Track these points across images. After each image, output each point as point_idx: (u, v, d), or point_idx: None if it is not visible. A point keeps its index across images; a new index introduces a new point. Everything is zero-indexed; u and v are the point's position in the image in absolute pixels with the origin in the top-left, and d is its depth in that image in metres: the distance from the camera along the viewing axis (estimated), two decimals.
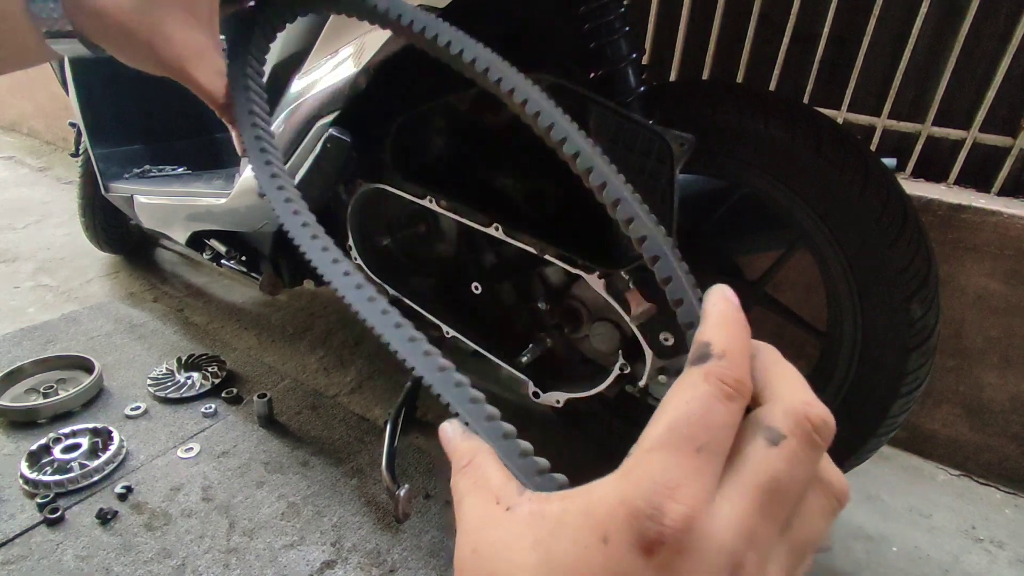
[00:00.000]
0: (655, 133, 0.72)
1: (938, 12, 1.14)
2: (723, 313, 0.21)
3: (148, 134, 1.58)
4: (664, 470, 0.17)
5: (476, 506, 0.22)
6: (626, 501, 0.17)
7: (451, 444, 0.25)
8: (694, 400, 0.18)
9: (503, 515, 0.20)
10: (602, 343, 0.91)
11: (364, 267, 1.08)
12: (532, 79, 0.34)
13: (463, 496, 0.22)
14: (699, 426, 0.18)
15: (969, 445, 1.23)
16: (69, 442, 1.10)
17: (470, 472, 0.23)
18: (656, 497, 0.16)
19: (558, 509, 0.19)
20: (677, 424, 0.18)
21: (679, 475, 0.17)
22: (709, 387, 0.18)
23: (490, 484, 0.22)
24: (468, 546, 0.20)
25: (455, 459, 0.24)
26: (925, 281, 0.75)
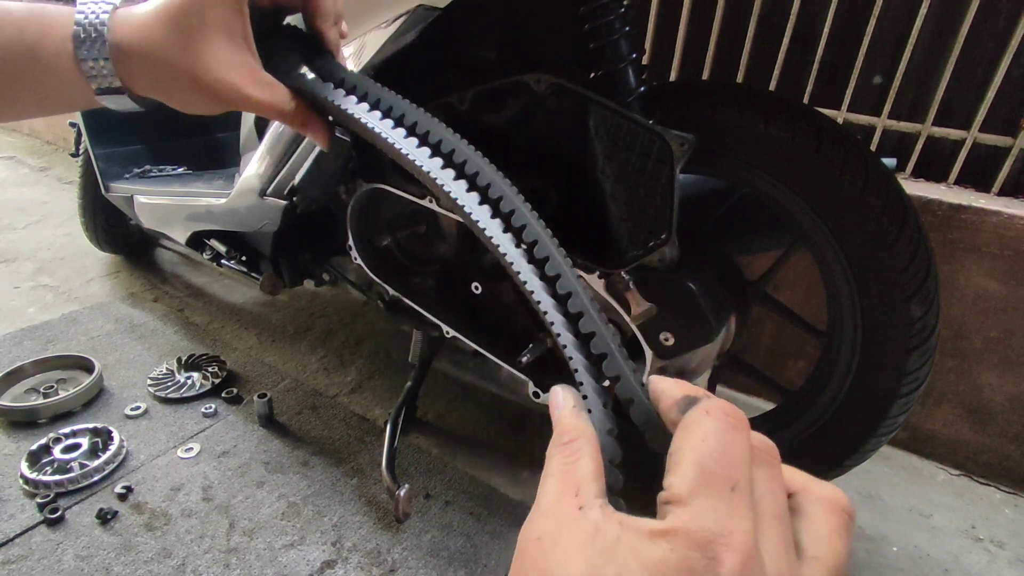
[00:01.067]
0: (655, 133, 0.72)
1: (938, 12, 1.14)
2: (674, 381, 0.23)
3: (148, 134, 1.58)
4: (711, 517, 0.18)
5: (557, 490, 0.22)
6: (678, 551, 0.17)
7: (560, 412, 0.25)
8: (710, 436, 0.19)
9: (575, 513, 0.21)
10: None
11: (364, 267, 1.08)
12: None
13: (551, 473, 0.23)
14: (726, 462, 0.19)
15: (969, 445, 1.23)
16: (69, 442, 1.10)
17: (568, 452, 0.23)
18: (711, 547, 0.17)
19: (613, 534, 0.19)
20: (705, 463, 0.19)
21: (726, 520, 0.18)
22: (716, 421, 0.20)
23: (578, 474, 0.22)
24: (536, 531, 0.21)
25: (558, 431, 0.25)
26: (925, 281, 0.75)
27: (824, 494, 0.21)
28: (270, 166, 0.99)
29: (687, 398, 0.22)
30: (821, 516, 0.21)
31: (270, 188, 1.01)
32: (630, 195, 0.76)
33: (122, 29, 0.39)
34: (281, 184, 0.99)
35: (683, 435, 0.20)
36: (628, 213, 0.77)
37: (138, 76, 0.40)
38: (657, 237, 0.75)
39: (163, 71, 0.40)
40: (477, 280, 1.00)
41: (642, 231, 0.76)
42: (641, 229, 0.76)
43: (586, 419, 0.25)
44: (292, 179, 0.96)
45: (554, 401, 0.26)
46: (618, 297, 0.83)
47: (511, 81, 0.80)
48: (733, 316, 0.89)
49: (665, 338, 0.82)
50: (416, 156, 0.37)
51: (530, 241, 0.32)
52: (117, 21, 0.39)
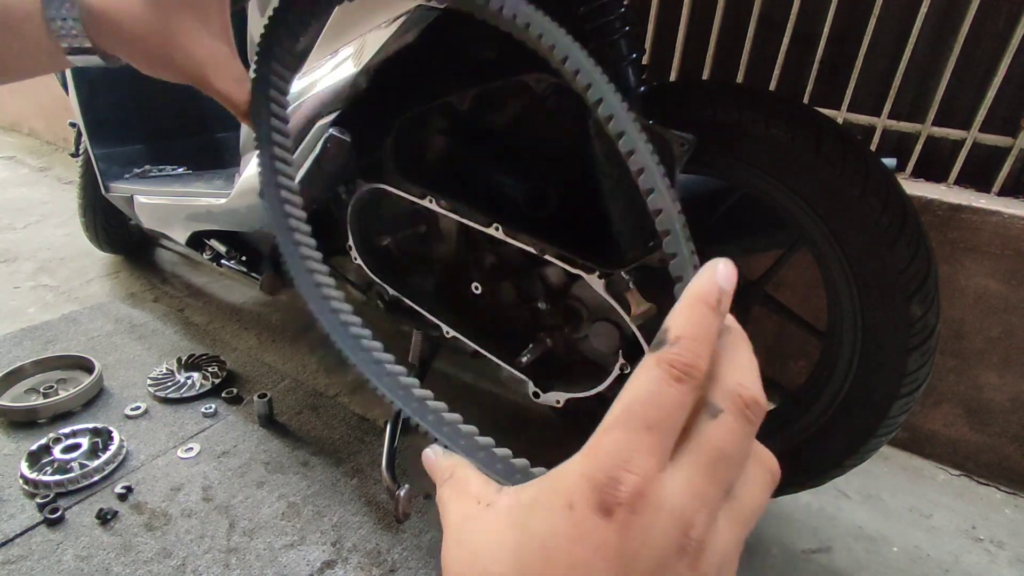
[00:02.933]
0: (655, 133, 0.72)
1: (938, 12, 1.14)
2: (696, 294, 0.21)
3: (148, 134, 1.58)
4: (618, 446, 0.19)
5: (458, 509, 0.24)
6: (586, 474, 0.19)
7: (433, 464, 0.27)
8: (646, 383, 0.20)
9: (484, 511, 0.22)
10: (602, 343, 0.91)
11: (364, 267, 1.08)
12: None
13: (446, 503, 0.25)
14: (649, 406, 0.19)
15: (969, 445, 1.23)
16: (69, 442, 1.10)
17: (452, 483, 0.25)
18: (612, 470, 0.19)
19: (532, 491, 0.21)
20: (630, 405, 0.20)
21: (631, 449, 0.19)
22: (659, 371, 0.20)
23: (470, 489, 0.24)
24: (452, 540, 0.22)
25: (438, 475, 0.26)
26: (925, 281, 0.75)
27: (762, 455, 0.22)
28: None
29: (662, 331, 0.21)
30: (750, 468, 0.22)
31: None
32: (630, 195, 0.76)
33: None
34: None
35: (631, 378, 0.21)
36: (628, 213, 0.77)
37: (107, 38, 0.39)
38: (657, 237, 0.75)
39: (134, 40, 0.39)
40: (477, 280, 1.00)
41: (642, 231, 0.76)
42: (641, 229, 0.76)
43: (455, 456, 0.27)
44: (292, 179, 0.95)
45: (426, 463, 0.28)
46: (618, 297, 0.83)
47: (511, 81, 0.80)
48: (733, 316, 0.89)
49: None
50: None
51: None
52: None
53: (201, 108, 1.66)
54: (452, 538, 0.23)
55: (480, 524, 0.22)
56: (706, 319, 0.21)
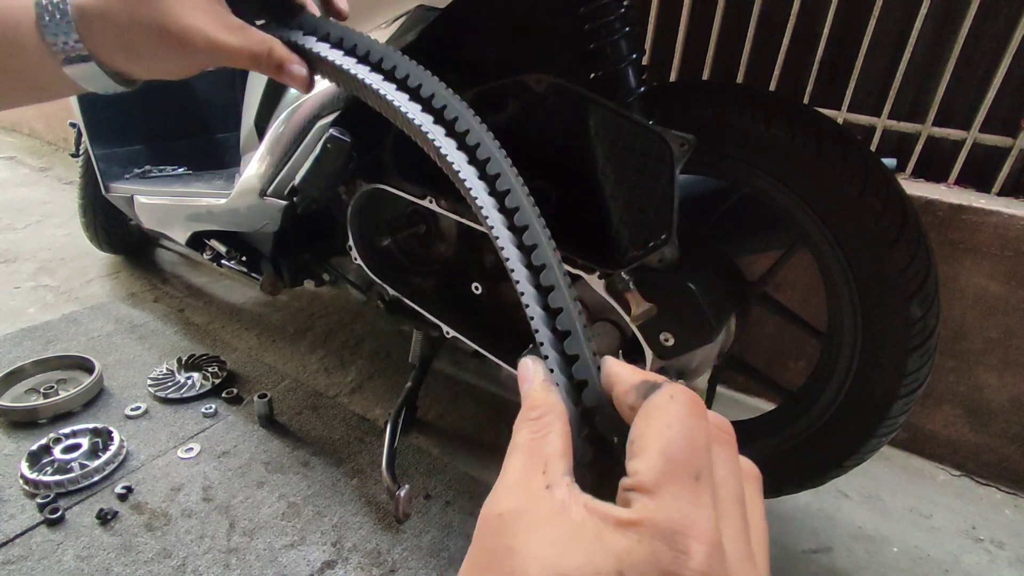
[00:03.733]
0: (655, 133, 0.72)
1: (938, 12, 1.14)
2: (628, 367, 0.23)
3: (148, 134, 1.58)
4: (678, 507, 0.18)
5: (523, 466, 0.22)
6: (645, 542, 0.17)
7: (528, 386, 0.25)
8: (675, 422, 0.19)
9: (542, 492, 0.20)
10: (602, 343, 0.91)
11: (365, 267, 1.08)
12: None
13: (518, 447, 0.22)
14: (690, 450, 0.19)
15: (969, 445, 1.23)
16: (69, 442, 1.10)
17: (537, 427, 0.23)
18: (678, 539, 0.17)
19: (580, 518, 0.19)
20: (670, 451, 0.19)
21: (691, 511, 0.18)
22: (680, 407, 0.20)
23: (546, 450, 0.22)
24: (500, 506, 0.21)
25: (527, 404, 0.24)
26: (925, 282, 0.75)
27: (745, 467, 0.22)
28: (270, 166, 0.99)
29: (646, 383, 0.22)
30: (749, 487, 0.21)
31: (270, 188, 1.01)
32: (630, 195, 0.76)
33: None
34: (281, 184, 1.00)
35: (647, 420, 0.20)
36: (628, 213, 0.77)
37: (103, 40, 0.38)
38: (657, 237, 0.75)
39: (127, 27, 0.38)
40: (477, 280, 1.00)
41: (642, 231, 0.76)
42: (641, 229, 0.76)
43: (556, 393, 0.24)
44: (292, 179, 0.96)
45: (523, 373, 0.25)
46: (618, 297, 0.83)
47: (511, 81, 0.80)
48: (733, 316, 0.89)
49: (665, 338, 0.82)
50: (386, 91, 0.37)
51: (511, 207, 0.31)
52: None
53: (201, 108, 1.66)
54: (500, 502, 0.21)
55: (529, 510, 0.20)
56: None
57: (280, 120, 0.94)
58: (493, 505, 0.21)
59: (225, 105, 1.67)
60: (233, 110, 1.44)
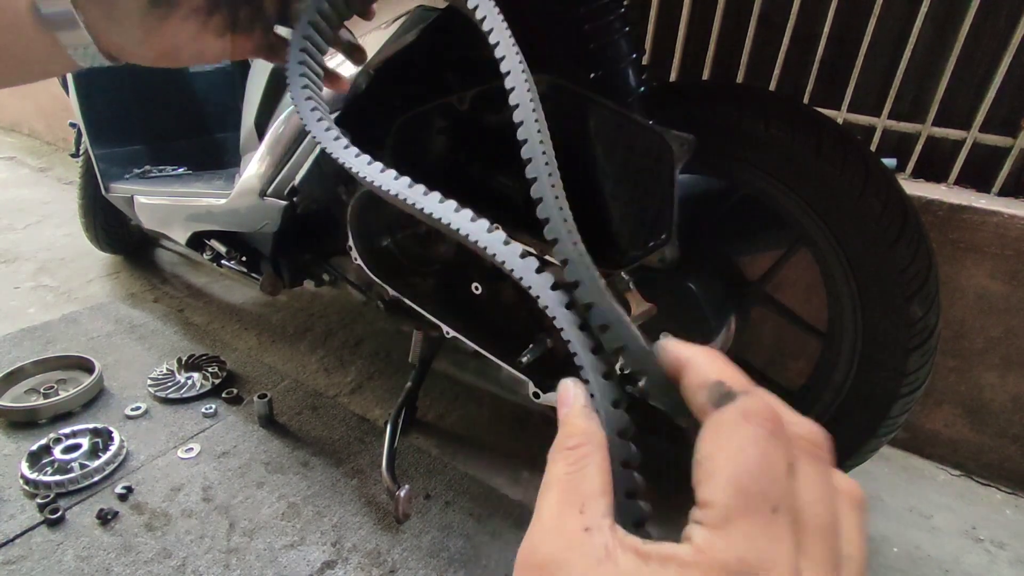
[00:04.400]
0: (655, 133, 0.72)
1: (938, 12, 1.14)
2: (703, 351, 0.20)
3: (148, 134, 1.58)
4: (750, 547, 0.16)
5: (560, 504, 0.20)
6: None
7: (567, 411, 0.23)
8: (749, 447, 0.17)
9: (579, 534, 0.18)
10: None
11: (365, 267, 1.08)
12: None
13: (554, 482, 0.20)
14: (766, 481, 0.17)
15: (969, 445, 1.23)
16: (69, 442, 1.10)
17: (574, 458, 0.21)
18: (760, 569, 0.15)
19: (631, 565, 0.17)
20: (744, 482, 0.17)
21: (766, 548, 0.16)
22: (756, 429, 0.18)
23: (584, 486, 0.20)
24: (536, 554, 0.19)
25: (564, 432, 0.22)
26: (925, 281, 0.75)
27: (844, 487, 0.19)
28: (270, 166, 0.99)
29: (720, 385, 0.19)
30: (847, 513, 0.19)
31: (270, 188, 1.01)
32: (630, 195, 0.76)
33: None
34: (281, 184, 0.99)
35: (716, 440, 0.18)
36: (628, 213, 0.77)
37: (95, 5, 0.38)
38: (657, 237, 0.75)
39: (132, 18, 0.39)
40: (477, 280, 0.99)
41: (642, 231, 0.76)
42: (641, 229, 0.76)
43: (597, 422, 0.22)
44: (292, 179, 0.96)
45: (563, 397, 0.23)
46: (618, 297, 0.83)
47: None
48: (733, 316, 0.89)
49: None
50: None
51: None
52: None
53: (201, 108, 1.66)
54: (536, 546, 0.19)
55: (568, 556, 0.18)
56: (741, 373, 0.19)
57: (280, 120, 0.94)
58: (530, 552, 0.19)
59: (225, 105, 1.67)
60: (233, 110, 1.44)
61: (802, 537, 0.17)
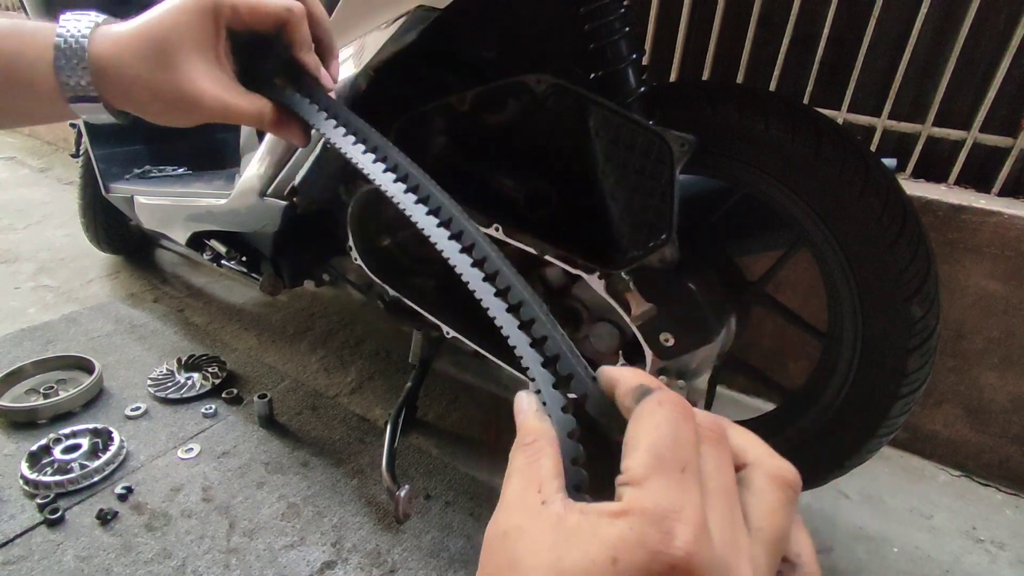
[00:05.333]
0: (655, 134, 0.72)
1: (938, 12, 1.14)
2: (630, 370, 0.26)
3: (148, 134, 1.58)
4: (664, 496, 0.19)
5: (521, 487, 0.24)
6: (635, 528, 0.19)
7: (523, 416, 0.28)
8: (662, 424, 0.21)
9: (539, 507, 0.22)
10: (602, 344, 0.91)
11: (365, 268, 1.08)
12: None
13: (515, 471, 0.25)
14: (677, 447, 0.21)
15: (969, 445, 1.23)
16: (69, 443, 1.10)
17: (530, 451, 0.25)
18: (665, 522, 0.19)
19: (575, 521, 0.21)
20: (658, 449, 0.21)
21: (677, 497, 0.19)
22: (668, 411, 0.22)
23: (540, 472, 0.24)
24: (502, 526, 0.23)
25: (521, 432, 0.27)
26: (925, 282, 0.75)
27: (772, 468, 0.23)
28: (270, 167, 0.99)
29: (641, 387, 0.24)
30: (767, 489, 0.22)
31: (270, 189, 1.01)
32: (630, 195, 0.76)
33: (102, 43, 0.41)
34: (281, 185, 0.99)
35: (637, 423, 0.22)
36: (628, 213, 0.77)
37: (115, 88, 0.42)
38: (657, 238, 0.75)
39: (139, 85, 0.42)
40: None
41: (642, 232, 0.76)
42: (641, 229, 0.76)
43: (547, 421, 0.27)
44: (292, 180, 0.96)
45: (517, 406, 0.28)
46: (618, 298, 0.83)
47: (511, 82, 0.80)
48: (733, 317, 0.89)
49: (665, 339, 0.82)
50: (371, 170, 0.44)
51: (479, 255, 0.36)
52: (98, 36, 0.41)
53: None
54: (503, 522, 0.23)
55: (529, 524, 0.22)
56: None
57: None
58: (496, 525, 0.23)
59: None
60: None
61: (706, 496, 0.20)
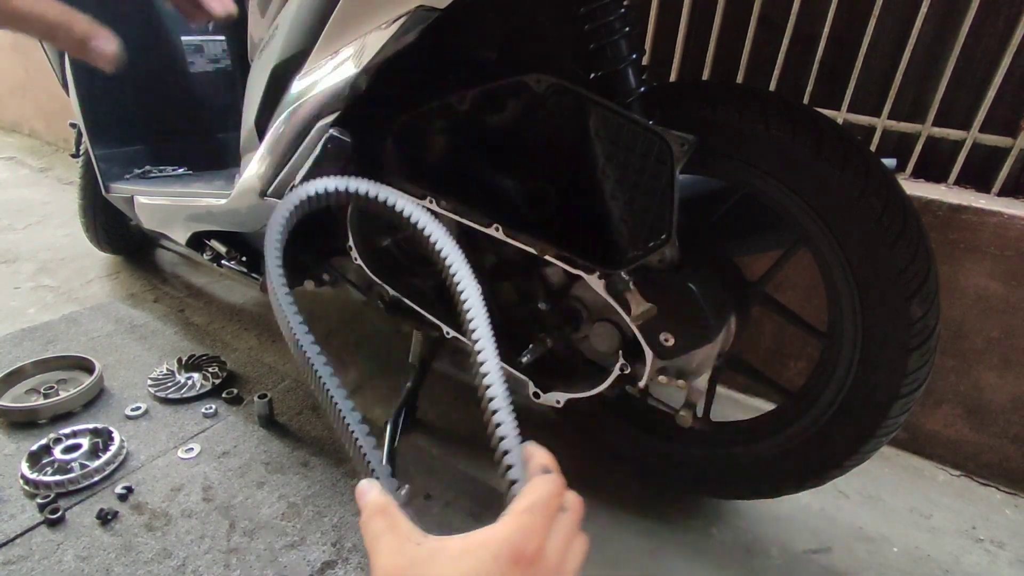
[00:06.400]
0: (655, 133, 0.72)
1: (938, 12, 1.14)
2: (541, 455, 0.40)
3: (148, 134, 1.58)
4: (529, 525, 0.33)
5: (392, 542, 0.33)
6: (509, 539, 0.32)
7: (366, 496, 0.37)
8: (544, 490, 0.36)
9: (416, 548, 0.32)
10: (602, 344, 0.91)
11: (365, 267, 1.08)
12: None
13: (380, 534, 0.34)
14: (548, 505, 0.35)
15: (969, 445, 1.23)
16: (69, 442, 1.10)
17: (385, 517, 0.35)
18: (526, 539, 0.32)
19: (460, 544, 0.32)
20: (535, 503, 0.35)
21: (536, 529, 0.33)
22: (552, 487, 0.36)
23: (402, 528, 0.34)
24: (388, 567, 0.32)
25: (369, 507, 0.36)
26: (925, 281, 0.75)
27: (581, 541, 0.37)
28: (270, 167, 0.99)
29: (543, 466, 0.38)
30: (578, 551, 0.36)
31: (270, 189, 1.01)
32: (630, 195, 0.76)
33: None
34: (281, 185, 0.99)
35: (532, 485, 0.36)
36: (628, 213, 0.77)
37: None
38: (657, 238, 0.75)
39: None
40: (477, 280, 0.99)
41: (642, 231, 0.76)
42: (641, 229, 0.76)
43: (388, 496, 0.36)
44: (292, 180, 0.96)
45: (359, 492, 0.37)
46: (618, 297, 0.83)
47: (511, 82, 0.80)
48: (733, 316, 0.89)
49: (665, 339, 0.82)
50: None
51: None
52: None
53: (201, 108, 1.66)
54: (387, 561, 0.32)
55: (413, 561, 0.32)
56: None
57: (280, 120, 0.94)
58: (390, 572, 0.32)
59: (225, 105, 1.67)
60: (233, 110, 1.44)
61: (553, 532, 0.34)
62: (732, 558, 1.00)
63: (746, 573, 0.97)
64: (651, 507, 1.07)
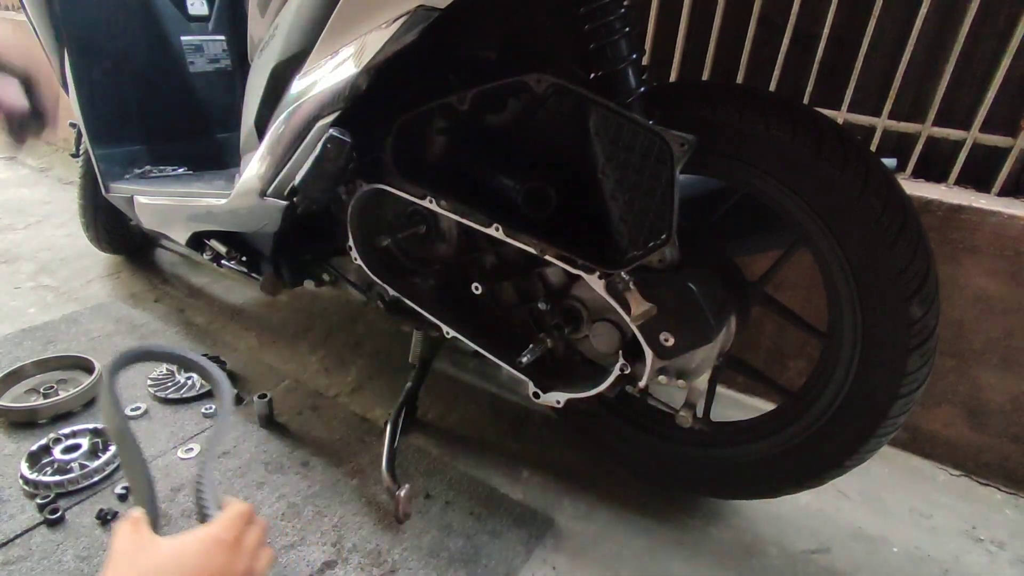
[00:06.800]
0: (655, 134, 0.72)
1: (938, 12, 1.15)
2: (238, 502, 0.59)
3: (149, 134, 1.58)
4: (228, 523, 0.55)
5: (130, 538, 0.52)
6: (212, 531, 0.54)
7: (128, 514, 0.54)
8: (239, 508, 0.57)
9: (151, 544, 0.52)
10: (602, 343, 0.91)
11: (365, 267, 1.08)
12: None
13: (123, 535, 0.52)
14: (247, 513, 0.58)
15: (969, 445, 1.23)
16: (69, 442, 1.10)
17: (132, 522, 0.53)
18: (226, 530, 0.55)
19: (180, 539, 0.53)
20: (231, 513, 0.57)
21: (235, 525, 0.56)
22: (243, 507, 0.58)
23: (143, 530, 0.53)
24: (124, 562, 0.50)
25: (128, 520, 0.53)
26: (925, 281, 0.75)
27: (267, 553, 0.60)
28: (270, 167, 0.99)
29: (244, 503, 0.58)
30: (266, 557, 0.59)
31: (270, 189, 1.01)
32: (630, 196, 0.76)
33: None
34: (281, 185, 1.00)
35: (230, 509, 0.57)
36: (628, 213, 0.77)
37: None
38: (657, 238, 0.75)
39: None
40: (477, 280, 1.00)
41: (642, 232, 0.76)
42: (641, 230, 0.76)
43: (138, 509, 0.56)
44: (292, 180, 0.96)
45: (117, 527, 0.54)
46: (618, 297, 0.83)
47: (511, 82, 0.80)
48: (733, 316, 0.89)
49: (665, 338, 0.82)
50: None
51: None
52: None
53: (201, 108, 1.66)
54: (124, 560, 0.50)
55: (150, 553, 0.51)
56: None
57: (280, 120, 0.94)
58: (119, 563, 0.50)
59: (225, 105, 1.67)
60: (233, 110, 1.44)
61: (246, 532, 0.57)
62: (731, 558, 1.00)
63: (745, 573, 0.97)
64: (650, 506, 1.07)
